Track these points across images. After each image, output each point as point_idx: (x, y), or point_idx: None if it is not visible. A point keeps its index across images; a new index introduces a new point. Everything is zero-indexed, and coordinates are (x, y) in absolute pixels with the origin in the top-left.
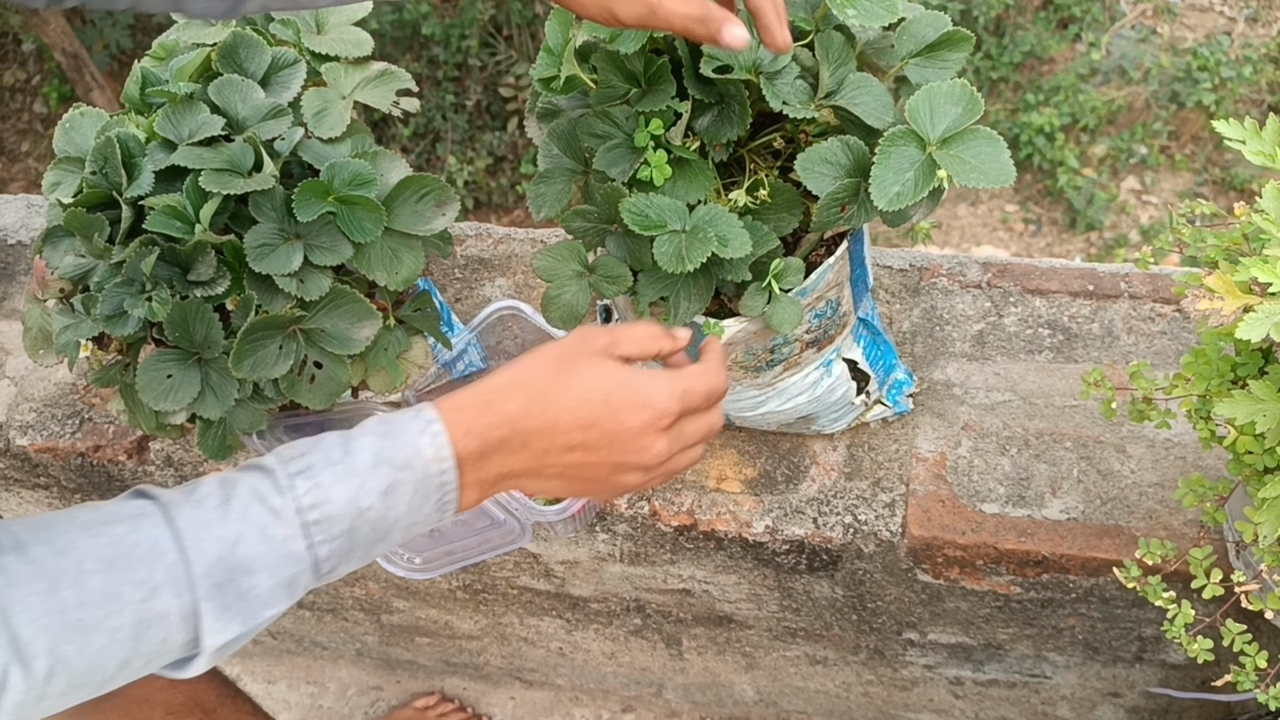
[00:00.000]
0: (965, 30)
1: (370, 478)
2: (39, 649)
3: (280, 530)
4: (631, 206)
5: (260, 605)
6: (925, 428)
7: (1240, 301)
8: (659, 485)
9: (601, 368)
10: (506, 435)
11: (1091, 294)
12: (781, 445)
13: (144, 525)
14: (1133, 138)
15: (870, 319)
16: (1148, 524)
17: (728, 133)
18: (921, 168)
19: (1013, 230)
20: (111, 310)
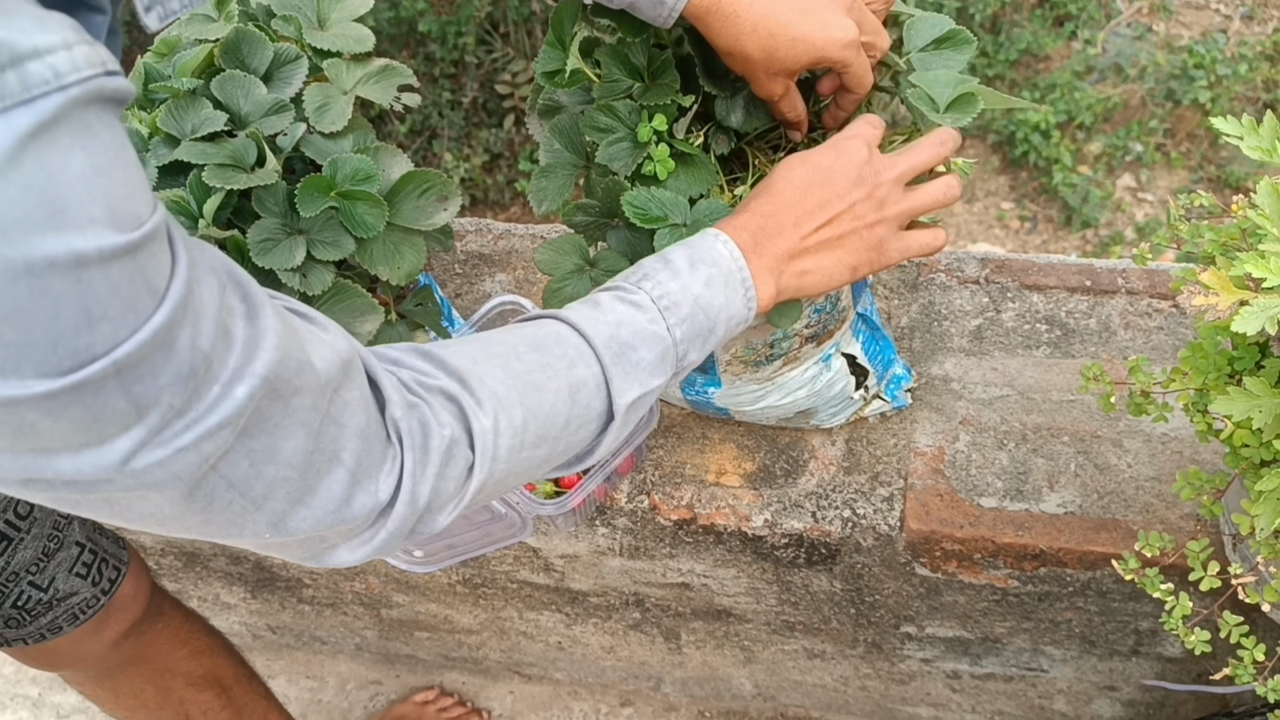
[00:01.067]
0: (967, 32)
1: (691, 275)
2: (514, 401)
3: (644, 316)
4: (633, 200)
5: (647, 374)
6: (923, 422)
7: (1235, 296)
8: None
9: (798, 156)
10: (760, 223)
11: (1089, 290)
12: (780, 439)
13: (545, 324)
14: (1128, 135)
15: (869, 314)
16: (1145, 518)
17: (762, 121)
18: None
19: (1009, 228)
20: None
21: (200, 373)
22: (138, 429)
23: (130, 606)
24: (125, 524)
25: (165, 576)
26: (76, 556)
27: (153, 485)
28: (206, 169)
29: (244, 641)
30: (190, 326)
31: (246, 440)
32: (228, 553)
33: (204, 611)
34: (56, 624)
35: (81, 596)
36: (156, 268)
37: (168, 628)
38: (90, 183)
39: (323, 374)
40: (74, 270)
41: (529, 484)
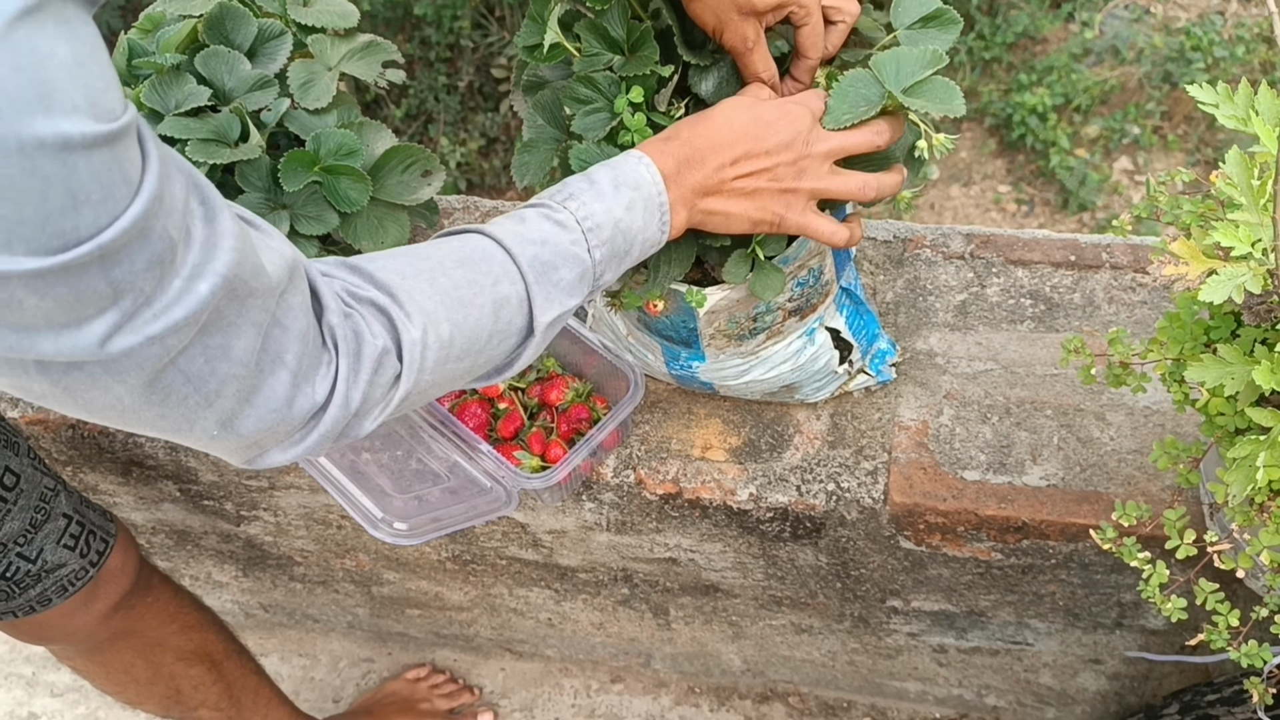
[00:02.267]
0: (954, 12)
1: (614, 197)
2: (441, 316)
3: (568, 236)
4: (580, 154)
5: (566, 294)
6: (908, 396)
7: (1205, 266)
8: (827, 189)
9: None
10: (688, 153)
11: (1073, 264)
12: (766, 414)
13: (471, 238)
14: (1125, 118)
15: (853, 288)
16: (1126, 490)
17: (735, 90)
18: (879, 107)
19: (1005, 211)
20: None
21: (167, 262)
22: (113, 312)
23: (119, 579)
24: (87, 415)
25: (157, 554)
26: (64, 529)
27: (119, 373)
28: (190, 143)
29: (236, 620)
30: (163, 218)
31: (204, 337)
32: (219, 530)
33: (196, 590)
34: (45, 596)
35: (70, 568)
36: (131, 160)
37: (157, 602)
38: (73, 71)
39: (273, 278)
40: (61, 153)
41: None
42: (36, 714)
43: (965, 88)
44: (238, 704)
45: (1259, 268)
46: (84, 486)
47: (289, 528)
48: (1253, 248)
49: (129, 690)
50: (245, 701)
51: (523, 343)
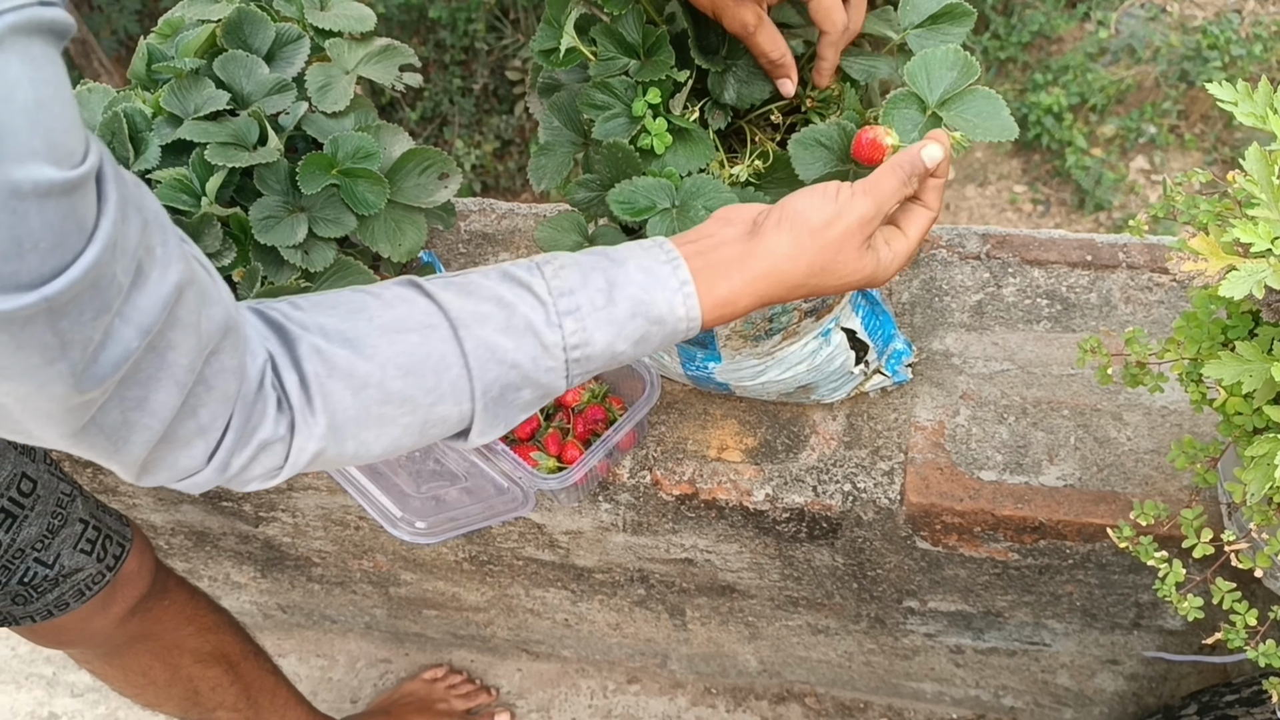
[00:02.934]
0: (966, 4)
1: (627, 327)
2: (349, 434)
3: (548, 363)
4: (617, 196)
5: (519, 412)
6: (924, 397)
7: (1224, 262)
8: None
9: (827, 242)
10: (751, 304)
11: (1090, 264)
12: (782, 415)
13: (433, 338)
14: (1142, 117)
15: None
16: (1143, 490)
17: (760, 92)
18: (925, 128)
19: (1021, 211)
20: None
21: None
22: (62, 364)
23: (135, 582)
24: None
25: (175, 556)
26: (80, 533)
27: (49, 422)
28: (209, 147)
29: (254, 621)
30: (116, 263)
31: (122, 389)
32: (237, 531)
33: (214, 591)
34: (63, 600)
35: (87, 573)
36: (87, 205)
37: (174, 604)
38: (33, 115)
39: (204, 335)
40: (9, 200)
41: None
42: (57, 714)
43: None
44: (255, 705)
45: (1279, 263)
46: (104, 488)
47: (307, 529)
48: (1272, 244)
49: (147, 693)
50: (263, 702)
51: (465, 417)
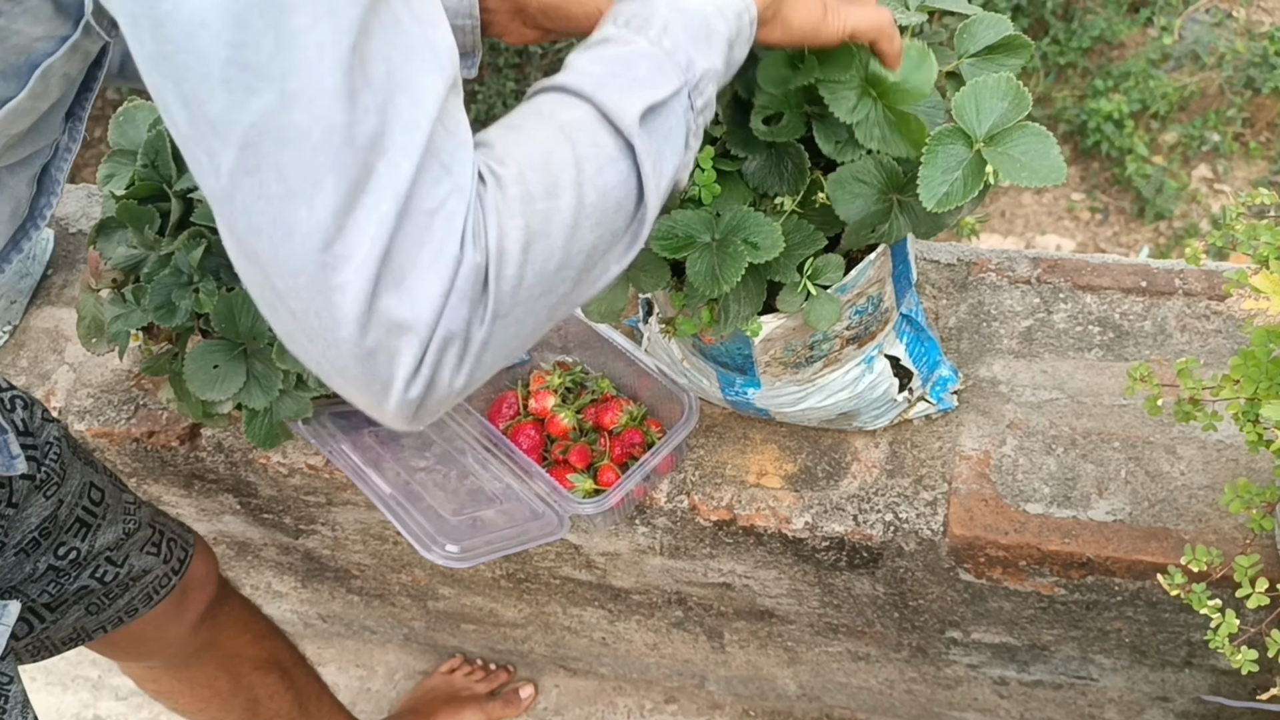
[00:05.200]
0: (1025, 37)
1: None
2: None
3: (612, 48)
4: (656, 233)
5: (643, 86)
6: (970, 425)
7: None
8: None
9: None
10: None
11: (1144, 290)
12: (823, 441)
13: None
14: (1205, 125)
15: (914, 315)
16: (1196, 527)
17: (777, 187)
18: (970, 166)
19: (1079, 219)
20: (160, 301)
21: None
22: None
23: (205, 587)
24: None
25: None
26: (148, 537)
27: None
28: None
29: (295, 629)
30: None
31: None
32: (278, 543)
33: (256, 599)
34: (133, 605)
35: (155, 574)
36: None
37: (233, 611)
38: None
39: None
40: None
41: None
42: (102, 717)
43: (1039, 94)
44: (306, 712)
45: None
46: (149, 497)
47: (346, 542)
48: None
49: (212, 705)
50: (312, 709)
51: (630, 165)
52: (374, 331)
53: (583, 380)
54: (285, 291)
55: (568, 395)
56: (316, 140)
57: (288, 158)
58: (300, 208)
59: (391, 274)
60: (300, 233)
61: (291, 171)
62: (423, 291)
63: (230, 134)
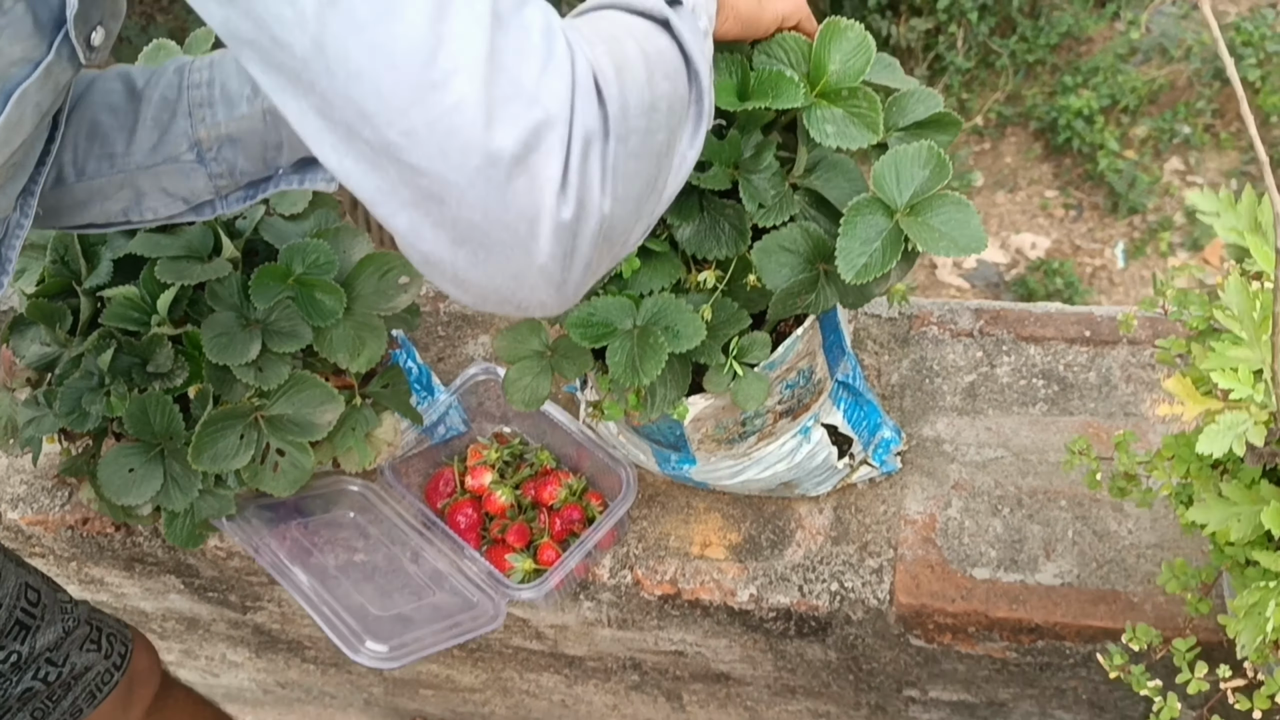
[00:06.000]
0: (955, 114)
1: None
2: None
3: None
4: (574, 319)
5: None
6: (914, 487)
7: (1201, 406)
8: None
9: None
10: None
11: (1088, 340)
12: (766, 508)
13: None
14: (1175, 117)
15: (849, 380)
16: (1145, 589)
17: (715, 250)
18: (888, 237)
19: (1053, 216)
20: (70, 406)
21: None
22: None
23: (149, 680)
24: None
25: (170, 638)
26: (86, 635)
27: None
28: (159, 263)
29: (255, 696)
30: None
31: None
32: (227, 618)
33: (212, 670)
34: (78, 706)
35: (96, 671)
36: None
37: (178, 703)
38: None
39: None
40: None
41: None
42: None
43: (1008, 92)
44: None
45: (1260, 413)
46: (89, 579)
47: (294, 617)
48: (1254, 388)
49: None
50: None
51: (671, 40)
52: (508, 143)
53: (521, 452)
54: (402, 140)
55: (505, 469)
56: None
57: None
58: (395, 24)
59: (509, 81)
60: (401, 54)
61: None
62: (548, 90)
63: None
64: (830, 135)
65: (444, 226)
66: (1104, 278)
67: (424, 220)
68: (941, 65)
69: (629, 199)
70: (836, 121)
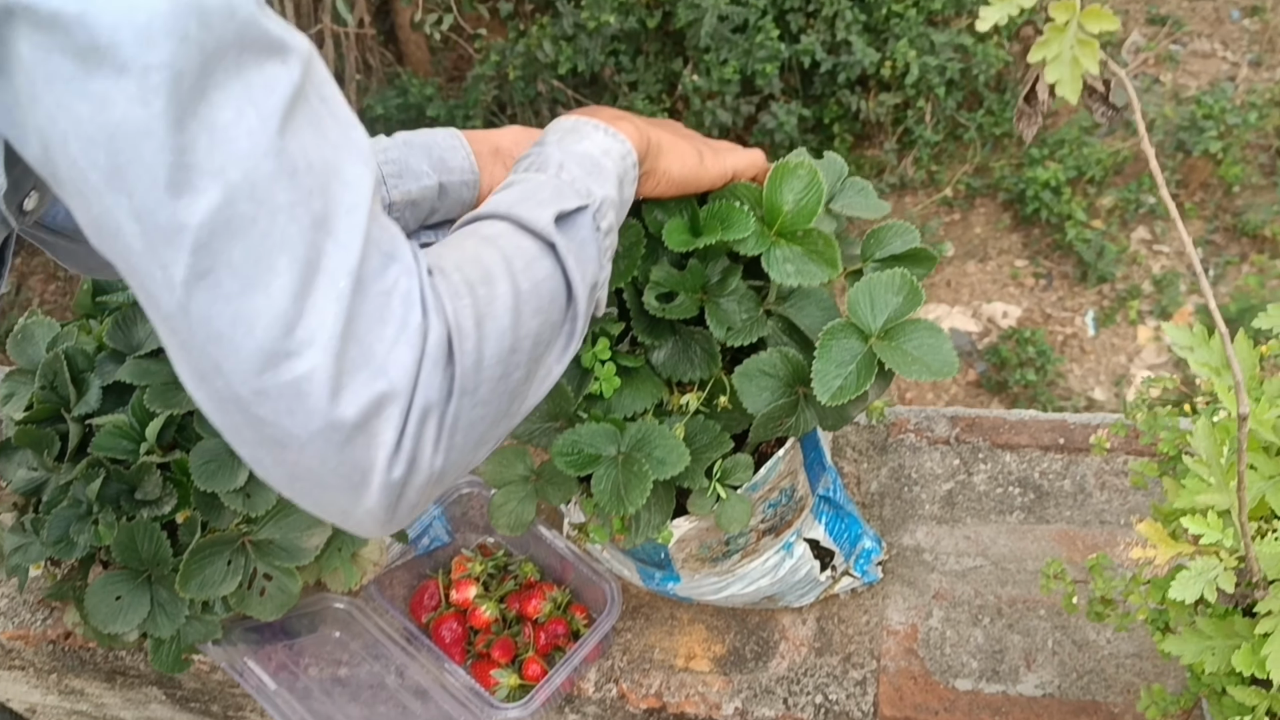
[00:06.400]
0: (931, 250)
1: (555, 145)
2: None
3: (516, 188)
4: (560, 448)
5: (551, 201)
6: (895, 597)
7: (1173, 551)
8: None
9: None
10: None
11: (1062, 447)
12: (750, 619)
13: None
14: (1140, 188)
15: (830, 494)
16: (1125, 698)
17: (689, 373)
18: (863, 360)
19: (1023, 285)
20: (58, 535)
21: None
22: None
23: None
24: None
25: None
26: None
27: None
28: (148, 391)
29: None
30: None
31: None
32: None
33: None
34: None
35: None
36: None
37: None
38: None
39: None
40: None
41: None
42: None
43: (976, 164)
44: None
45: (1230, 558)
46: (69, 689)
47: None
48: (1223, 533)
49: None
50: None
51: (554, 263)
52: (350, 412)
53: (505, 564)
54: (251, 397)
55: (490, 582)
56: (264, 225)
57: (238, 250)
58: (258, 297)
59: (360, 351)
60: (262, 324)
61: (244, 263)
62: (396, 361)
63: (182, 239)
64: (791, 274)
65: (283, 465)
66: (1075, 345)
67: (265, 456)
68: (911, 138)
69: (468, 445)
70: (795, 260)
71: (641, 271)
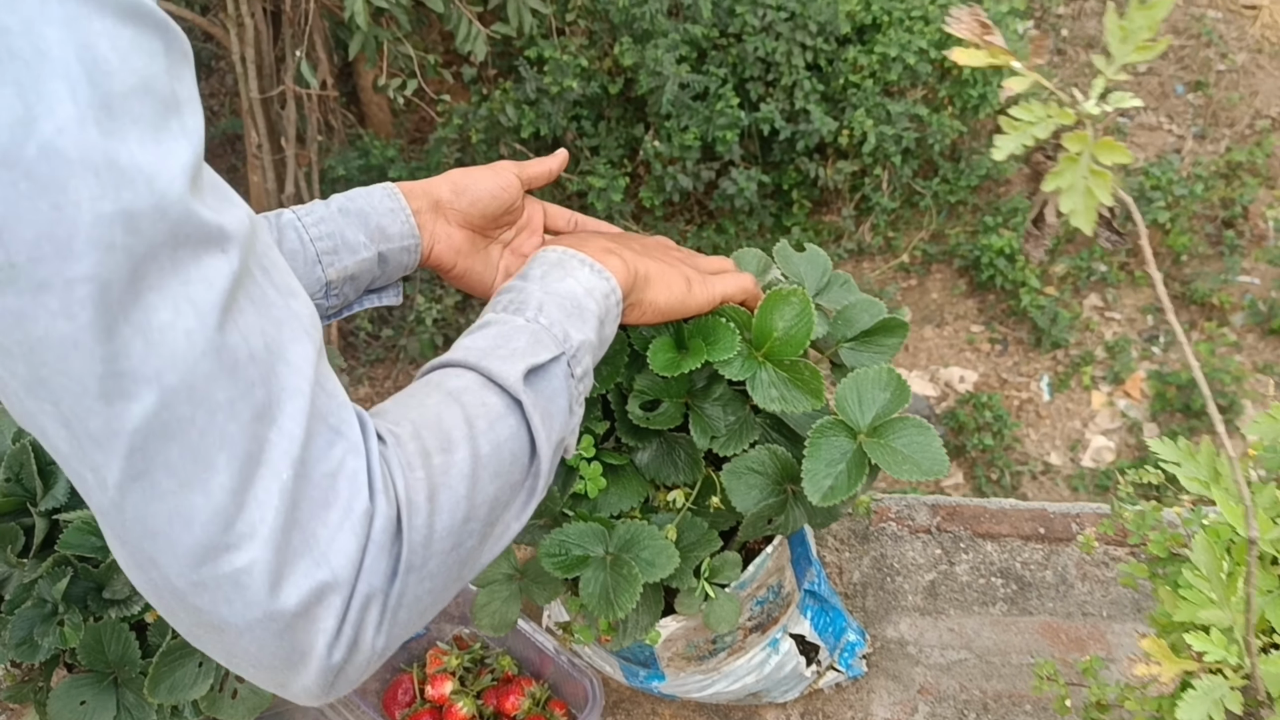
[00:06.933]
0: (901, 319)
1: (539, 283)
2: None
3: (493, 329)
4: (547, 549)
5: (524, 355)
6: (880, 692)
7: (1178, 668)
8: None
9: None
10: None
11: (1043, 537)
12: (733, 715)
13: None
14: (1092, 256)
15: (815, 587)
16: None
17: (673, 476)
18: (853, 459)
19: (979, 351)
20: (21, 638)
21: None
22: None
23: None
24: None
25: None
26: None
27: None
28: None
29: None
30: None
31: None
32: None
33: None
34: None
35: None
36: None
37: None
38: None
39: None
40: None
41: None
42: None
43: (933, 231)
44: None
45: (1236, 676)
46: None
47: None
48: (1227, 650)
49: None
50: None
51: (520, 420)
52: (290, 602)
53: (482, 657)
54: (189, 589)
55: (466, 675)
56: (203, 424)
57: (175, 451)
58: (196, 495)
59: (302, 539)
60: (200, 520)
61: (182, 462)
62: (339, 550)
63: (114, 444)
64: (775, 400)
65: (219, 646)
66: (1031, 410)
67: (203, 636)
68: (868, 205)
69: (412, 619)
70: (780, 386)
71: (625, 377)
